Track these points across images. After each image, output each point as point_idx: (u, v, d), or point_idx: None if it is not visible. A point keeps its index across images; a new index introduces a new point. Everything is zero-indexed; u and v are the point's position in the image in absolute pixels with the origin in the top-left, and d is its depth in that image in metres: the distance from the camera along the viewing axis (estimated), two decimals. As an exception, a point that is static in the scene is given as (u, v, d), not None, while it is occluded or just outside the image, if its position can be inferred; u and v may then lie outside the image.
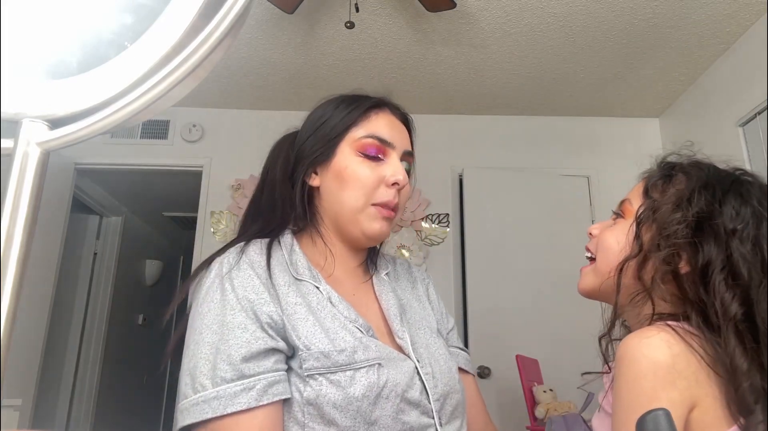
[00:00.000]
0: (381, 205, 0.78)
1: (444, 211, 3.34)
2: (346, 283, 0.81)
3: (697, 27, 2.64)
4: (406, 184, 0.80)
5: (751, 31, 2.63)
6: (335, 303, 0.74)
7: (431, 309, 0.91)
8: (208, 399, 0.62)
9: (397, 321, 0.79)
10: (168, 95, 0.33)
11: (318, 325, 0.70)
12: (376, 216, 0.79)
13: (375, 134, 0.80)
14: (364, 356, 0.68)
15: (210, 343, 0.65)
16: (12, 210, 0.32)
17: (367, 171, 0.79)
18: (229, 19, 0.32)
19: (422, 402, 0.71)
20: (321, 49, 2.88)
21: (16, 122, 0.34)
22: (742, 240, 0.71)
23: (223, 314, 0.67)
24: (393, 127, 0.84)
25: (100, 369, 4.11)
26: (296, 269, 0.76)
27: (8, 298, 0.31)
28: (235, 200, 3.31)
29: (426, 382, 0.73)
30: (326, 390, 0.65)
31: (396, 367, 0.70)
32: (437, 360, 0.78)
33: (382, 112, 0.84)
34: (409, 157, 0.85)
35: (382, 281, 0.86)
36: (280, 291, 0.72)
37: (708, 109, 3.00)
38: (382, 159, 0.80)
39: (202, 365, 0.64)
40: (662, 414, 0.48)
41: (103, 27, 0.35)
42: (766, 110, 2.53)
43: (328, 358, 0.67)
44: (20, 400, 2.78)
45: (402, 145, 0.83)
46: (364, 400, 0.65)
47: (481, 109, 3.48)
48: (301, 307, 0.71)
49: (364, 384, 0.66)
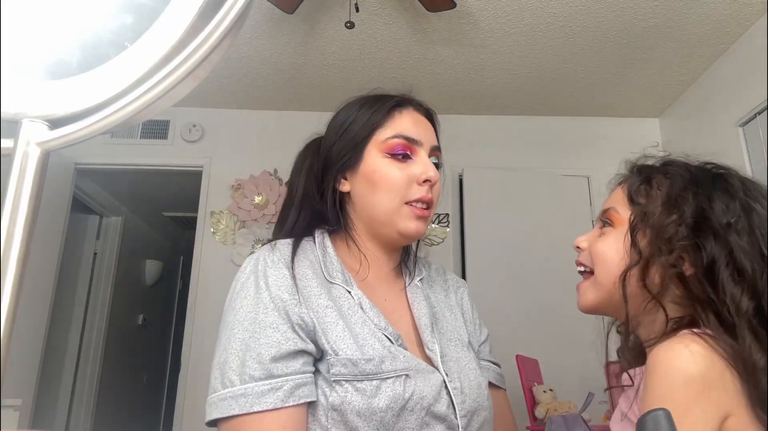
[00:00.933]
0: (415, 202, 0.78)
1: (444, 211, 3.34)
2: (378, 289, 0.81)
3: (697, 27, 2.64)
4: (437, 179, 0.80)
5: (751, 31, 2.63)
6: (366, 309, 0.74)
7: (463, 319, 0.89)
8: (235, 396, 0.63)
9: (427, 332, 0.77)
10: (168, 95, 0.33)
11: (347, 331, 0.70)
12: (411, 216, 0.78)
13: (401, 133, 0.80)
14: (391, 366, 0.68)
15: (241, 340, 0.66)
16: (12, 210, 0.32)
17: (397, 171, 0.78)
18: (229, 19, 0.32)
19: (448, 416, 0.70)
20: (321, 49, 2.88)
21: (16, 122, 0.34)
22: (739, 233, 0.70)
23: (256, 311, 0.68)
24: (418, 123, 0.83)
25: (100, 369, 4.11)
26: (329, 272, 0.76)
27: (8, 298, 0.31)
28: (235, 200, 3.31)
29: (454, 397, 0.72)
30: (351, 398, 0.65)
31: (424, 379, 0.69)
32: (467, 375, 0.76)
33: (405, 110, 0.84)
34: (437, 151, 0.84)
35: (416, 288, 0.84)
36: (312, 293, 0.72)
37: (708, 109, 3.00)
38: (410, 157, 0.80)
39: (231, 360, 0.65)
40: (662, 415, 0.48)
41: (103, 27, 0.35)
42: (766, 110, 2.53)
43: (356, 366, 0.66)
44: (20, 400, 2.78)
45: (429, 141, 0.82)
46: (388, 411, 0.65)
47: (481, 109, 3.48)
48: (332, 311, 0.71)
49: (390, 395, 0.65)
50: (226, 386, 0.64)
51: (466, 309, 0.92)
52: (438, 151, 0.84)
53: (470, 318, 0.91)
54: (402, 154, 0.79)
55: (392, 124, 0.81)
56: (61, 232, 3.25)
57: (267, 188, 3.31)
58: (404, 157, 0.79)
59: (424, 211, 0.78)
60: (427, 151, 0.81)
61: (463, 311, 0.90)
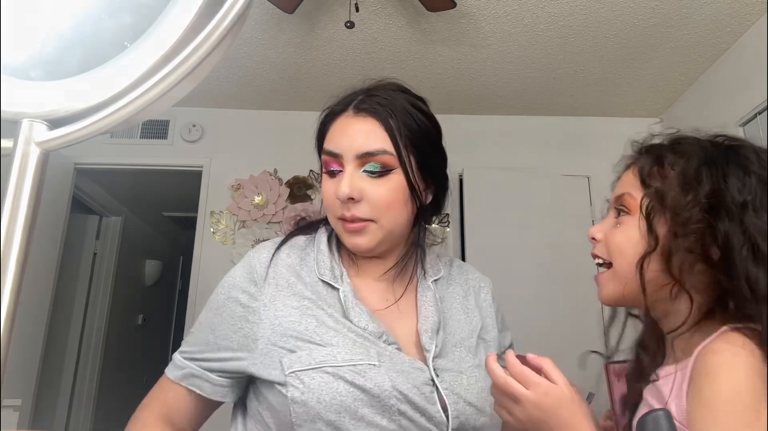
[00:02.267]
0: (340, 219, 0.76)
1: (444, 211, 3.34)
2: (382, 288, 0.80)
3: (697, 27, 2.64)
4: (346, 195, 0.72)
5: (751, 31, 2.63)
6: (348, 307, 0.73)
7: (482, 322, 0.85)
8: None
9: (426, 336, 0.75)
10: (168, 95, 0.33)
11: (314, 328, 0.71)
12: (344, 231, 0.76)
13: (327, 149, 0.77)
14: (349, 356, 0.68)
15: (199, 333, 0.79)
16: (12, 210, 0.32)
17: (329, 187, 0.77)
18: (229, 19, 0.32)
19: (432, 412, 0.69)
20: (321, 49, 2.88)
21: (16, 122, 0.34)
22: (756, 211, 0.67)
23: (216, 315, 0.77)
24: (345, 131, 0.76)
25: (100, 369, 4.11)
26: (319, 268, 0.78)
27: (8, 298, 0.31)
28: (235, 200, 3.31)
29: (446, 397, 0.70)
30: (309, 385, 0.67)
31: (399, 372, 0.68)
32: (468, 378, 0.74)
33: (340, 117, 0.78)
34: (369, 157, 0.73)
35: (426, 289, 0.81)
36: (281, 293, 0.75)
37: (708, 109, 3.00)
38: (341, 170, 0.75)
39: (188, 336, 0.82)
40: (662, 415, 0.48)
41: (103, 27, 0.35)
42: (766, 110, 2.53)
43: (312, 357, 0.68)
44: (20, 400, 2.78)
45: (353, 149, 0.74)
46: (348, 396, 0.66)
47: (481, 109, 3.48)
48: (297, 311, 0.73)
49: (348, 381, 0.66)
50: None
51: (489, 312, 0.88)
52: (373, 156, 0.73)
53: (493, 323, 0.87)
54: (332, 171, 0.76)
55: (327, 140, 0.78)
56: (61, 232, 3.25)
57: (267, 188, 3.31)
58: (336, 172, 0.76)
59: (353, 225, 0.74)
60: (353, 160, 0.73)
61: (483, 314, 0.86)
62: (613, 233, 0.77)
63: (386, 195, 0.74)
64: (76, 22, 0.35)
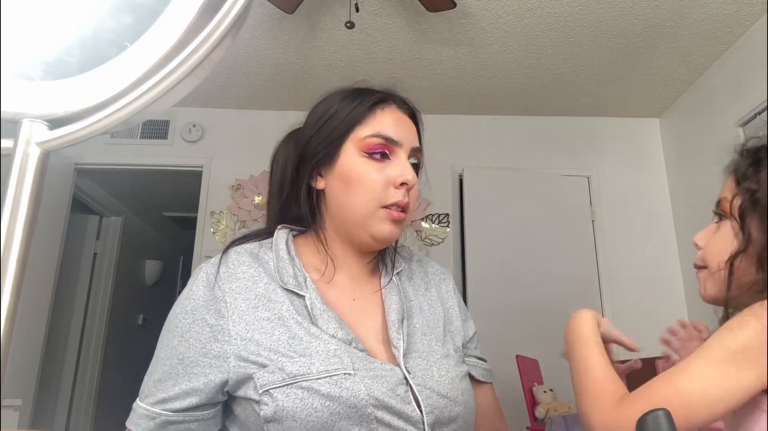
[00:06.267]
0: (391, 206, 0.74)
1: (444, 211, 3.34)
2: (347, 288, 0.78)
3: (697, 27, 2.64)
4: (415, 183, 0.76)
5: (751, 31, 2.63)
6: (316, 314, 0.71)
7: (445, 314, 0.85)
8: (134, 408, 0.71)
9: (394, 329, 0.74)
10: (168, 95, 0.33)
11: (284, 340, 0.68)
12: (386, 219, 0.75)
13: (381, 133, 0.75)
14: (323, 367, 0.66)
15: (161, 365, 0.71)
16: (12, 210, 0.32)
17: (374, 172, 0.74)
18: (229, 19, 0.32)
19: (407, 412, 0.67)
20: (321, 49, 2.88)
21: (16, 122, 0.34)
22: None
23: (182, 340, 0.70)
24: (399, 123, 0.78)
25: (100, 369, 4.11)
26: (281, 276, 0.73)
27: (8, 298, 0.31)
28: (235, 200, 3.31)
29: (418, 393, 0.69)
30: (283, 404, 0.64)
31: (373, 378, 0.67)
32: (437, 370, 0.74)
33: (388, 107, 0.79)
34: (417, 152, 0.79)
35: (391, 284, 0.81)
36: (249, 306, 0.70)
37: (708, 109, 3.00)
38: (389, 158, 0.76)
39: (150, 375, 0.72)
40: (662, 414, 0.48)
41: (103, 27, 0.35)
42: (766, 110, 2.53)
43: (284, 371, 0.65)
44: (20, 400, 2.78)
45: (409, 142, 0.78)
46: (324, 411, 0.63)
47: (481, 109, 3.48)
48: (268, 323, 0.69)
49: (323, 394, 0.64)
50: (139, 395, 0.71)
51: (451, 304, 0.87)
52: (419, 152, 0.80)
53: (456, 313, 0.86)
54: (380, 153, 0.75)
55: (372, 122, 0.76)
56: (61, 232, 3.25)
57: (267, 188, 3.31)
58: (382, 157, 0.75)
59: (401, 214, 0.75)
60: (407, 152, 0.77)
61: (446, 306, 0.86)
62: (713, 241, 0.79)
63: (416, 191, 0.79)
64: (76, 22, 0.35)
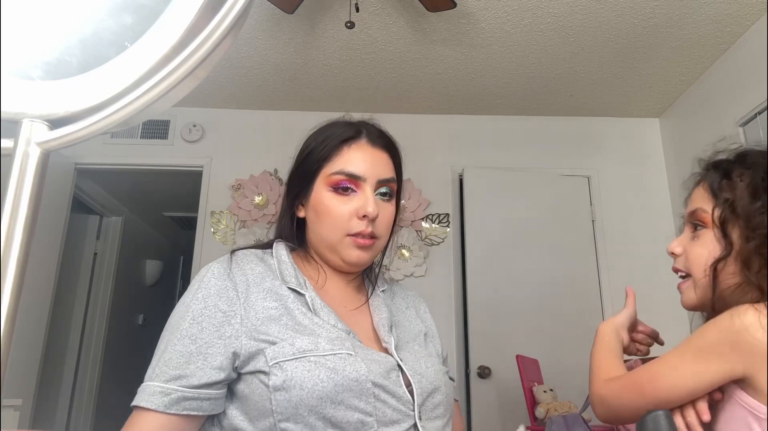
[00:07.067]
0: (356, 234, 0.82)
1: (444, 211, 3.34)
2: (338, 298, 0.87)
3: (697, 27, 2.64)
4: (376, 214, 0.82)
5: (751, 31, 2.63)
6: (317, 308, 0.79)
7: (425, 332, 0.95)
8: (140, 390, 0.73)
9: (384, 330, 0.84)
10: (168, 95, 0.33)
11: (291, 325, 0.76)
12: (353, 246, 0.83)
13: (344, 170, 0.83)
14: (329, 347, 0.73)
15: (174, 348, 0.74)
16: (12, 210, 0.32)
17: (340, 205, 0.83)
18: (229, 19, 0.32)
19: (401, 393, 0.75)
20: (321, 49, 2.88)
21: (16, 122, 0.34)
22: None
23: (183, 321, 0.75)
24: (365, 158, 0.85)
25: (100, 369, 4.11)
26: (284, 277, 0.82)
27: (8, 298, 0.31)
28: (235, 200, 3.31)
29: (411, 377, 0.78)
30: (292, 374, 0.70)
31: (371, 361, 0.75)
32: (425, 362, 0.82)
33: (356, 143, 0.86)
34: (387, 183, 0.86)
35: (377, 297, 0.91)
36: (258, 297, 0.78)
37: (708, 109, 3.00)
38: (355, 191, 0.83)
39: (159, 360, 0.74)
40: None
41: (103, 27, 0.35)
42: (766, 110, 2.53)
43: (294, 346, 0.72)
44: (20, 400, 2.78)
45: (376, 175, 0.84)
46: (329, 382, 0.70)
47: (481, 109, 3.48)
48: (276, 311, 0.77)
49: (330, 367, 0.71)
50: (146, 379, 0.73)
51: (430, 323, 0.98)
52: (390, 182, 0.87)
53: (434, 332, 0.97)
54: (345, 188, 0.83)
55: (338, 159, 0.84)
56: (61, 232, 3.25)
57: (267, 188, 3.31)
58: (346, 190, 0.83)
59: (366, 241, 0.83)
60: (373, 185, 0.84)
61: (426, 324, 0.97)
62: (692, 246, 0.86)
63: (390, 216, 0.87)
64: (76, 22, 0.35)
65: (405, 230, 3.26)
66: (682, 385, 0.74)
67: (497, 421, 2.87)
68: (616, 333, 0.92)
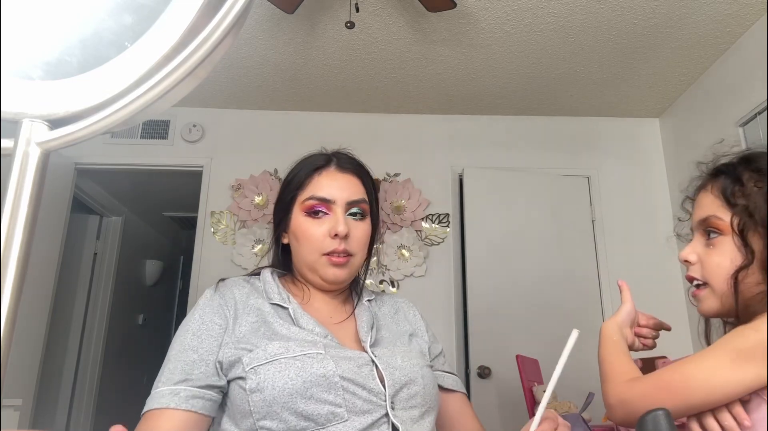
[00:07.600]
0: (331, 253, 0.90)
1: (444, 211, 3.34)
2: (323, 310, 0.94)
3: (697, 27, 2.64)
4: (346, 232, 0.90)
5: (751, 31, 2.63)
6: (299, 318, 0.87)
7: (414, 334, 1.00)
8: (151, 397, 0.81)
9: (363, 330, 0.91)
10: (168, 95, 0.33)
11: (268, 334, 0.83)
12: (328, 264, 0.91)
13: (315, 195, 0.92)
14: (300, 349, 0.80)
15: (176, 358, 0.82)
16: (12, 210, 0.32)
17: (313, 227, 0.91)
18: (229, 19, 0.32)
19: (368, 385, 0.81)
20: (321, 49, 2.88)
21: (16, 122, 0.34)
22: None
23: (185, 335, 0.84)
24: (334, 183, 0.94)
25: (100, 369, 4.11)
26: (268, 295, 0.91)
27: (8, 298, 0.31)
28: (235, 200, 3.31)
29: (383, 371, 0.83)
30: (264, 376, 0.77)
31: (343, 358, 0.81)
32: (402, 357, 0.88)
33: (325, 170, 0.95)
34: (358, 203, 0.94)
35: (362, 306, 0.98)
36: (243, 312, 0.87)
37: (708, 109, 3.00)
38: (327, 213, 0.91)
39: (164, 371, 0.82)
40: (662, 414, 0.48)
41: (103, 27, 0.35)
42: (766, 110, 2.53)
43: (266, 352, 0.80)
44: (20, 400, 2.78)
45: (345, 197, 0.93)
46: (298, 379, 0.77)
47: (481, 109, 3.48)
48: (257, 324, 0.85)
49: (298, 367, 0.78)
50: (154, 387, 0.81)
51: (419, 325, 1.03)
52: (362, 203, 0.94)
53: (423, 332, 1.03)
54: (317, 211, 0.91)
55: (310, 186, 0.93)
56: (61, 232, 3.25)
57: (267, 188, 3.31)
58: (317, 214, 0.91)
59: (340, 259, 0.91)
60: (343, 206, 0.92)
61: (414, 327, 1.02)
62: (709, 254, 0.84)
63: (364, 234, 0.94)
64: (76, 22, 0.35)
65: (405, 230, 3.26)
66: (718, 388, 0.73)
67: (497, 421, 2.87)
68: (621, 333, 0.91)
